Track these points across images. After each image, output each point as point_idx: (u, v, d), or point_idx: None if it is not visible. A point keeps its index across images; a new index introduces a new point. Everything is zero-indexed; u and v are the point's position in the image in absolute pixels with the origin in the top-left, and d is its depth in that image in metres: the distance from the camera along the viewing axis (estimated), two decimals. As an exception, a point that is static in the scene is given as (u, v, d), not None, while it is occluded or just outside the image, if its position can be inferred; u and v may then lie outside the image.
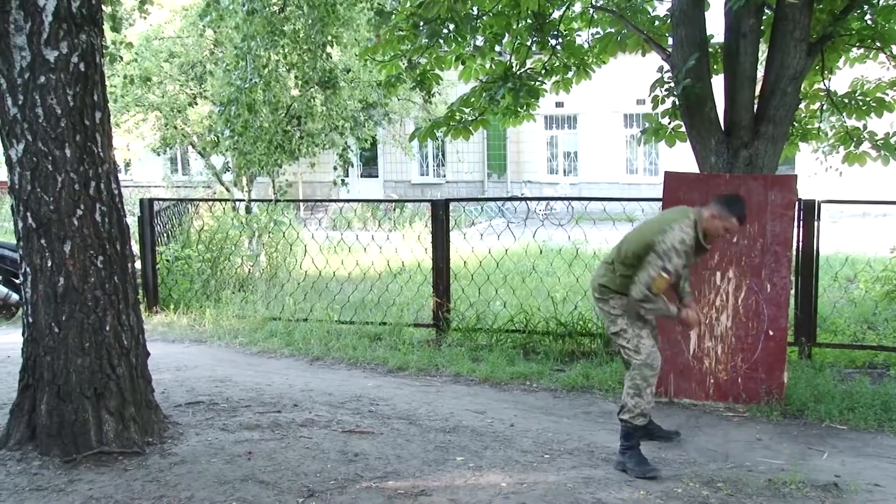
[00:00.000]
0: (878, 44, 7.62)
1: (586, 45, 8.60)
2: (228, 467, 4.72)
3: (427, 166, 29.15)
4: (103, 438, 4.84)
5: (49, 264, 4.77)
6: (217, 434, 5.31)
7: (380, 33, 8.25)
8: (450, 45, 7.98)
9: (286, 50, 11.54)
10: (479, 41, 8.25)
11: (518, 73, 8.12)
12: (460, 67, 8.44)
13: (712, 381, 6.20)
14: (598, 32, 8.50)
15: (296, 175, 21.80)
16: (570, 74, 8.65)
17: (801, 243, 6.98)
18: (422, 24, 7.67)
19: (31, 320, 4.89)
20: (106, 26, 7.10)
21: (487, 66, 8.43)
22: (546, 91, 8.46)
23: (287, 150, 12.75)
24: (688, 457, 5.04)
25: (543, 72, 8.48)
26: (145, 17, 9.93)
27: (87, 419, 4.81)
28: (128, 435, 4.93)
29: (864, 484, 4.59)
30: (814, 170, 9.67)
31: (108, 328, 4.91)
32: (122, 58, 10.34)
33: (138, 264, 9.67)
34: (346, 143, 16.16)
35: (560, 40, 8.41)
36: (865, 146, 8.04)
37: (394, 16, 8.20)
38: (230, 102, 11.10)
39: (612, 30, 8.29)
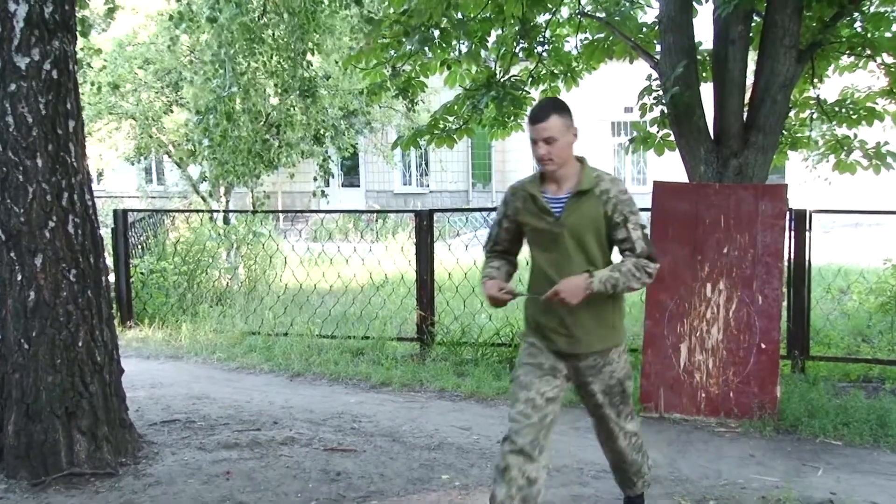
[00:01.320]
0: (869, 52, 7.68)
1: (574, 52, 8.63)
2: (206, 488, 4.68)
3: (410, 176, 29.15)
4: (74, 459, 4.78)
5: (19, 278, 4.72)
6: (194, 453, 5.27)
7: (369, 41, 8.26)
8: (435, 51, 7.99)
9: (265, 57, 11.54)
10: (465, 47, 8.26)
11: (502, 81, 8.13)
12: (445, 73, 8.44)
13: (703, 395, 6.20)
14: (586, 39, 8.54)
15: (275, 185, 21.77)
16: (557, 83, 8.67)
17: (792, 254, 7.01)
18: (410, 31, 7.66)
19: (-1, 336, 4.84)
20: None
21: (473, 70, 8.43)
22: (533, 100, 8.47)
23: (265, 160, 12.74)
24: (679, 474, 5.03)
25: (530, 80, 8.50)
26: (110, 23, 9.87)
27: (57, 439, 4.76)
28: (100, 455, 4.88)
29: (861, 501, 4.59)
30: (804, 179, 9.73)
31: (80, 344, 4.86)
32: (91, 65, 10.28)
33: (112, 278, 9.60)
34: (325, 152, 16.15)
35: (547, 47, 8.43)
36: (856, 155, 8.10)
37: (382, 24, 8.22)
38: (208, 111, 11.07)
39: (600, 36, 8.32)
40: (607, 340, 3.76)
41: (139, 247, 10.89)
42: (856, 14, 7.28)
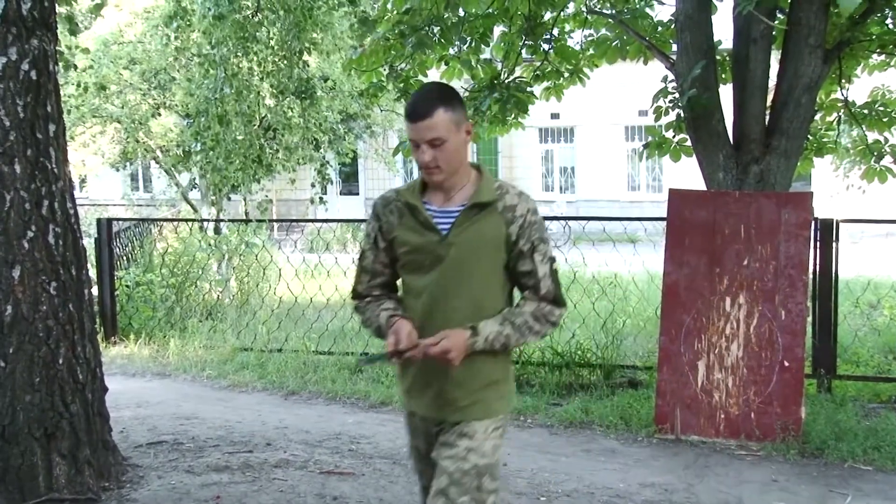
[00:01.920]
0: (901, 50, 7.69)
1: (579, 48, 8.65)
2: (193, 514, 4.68)
3: (412, 183, 29.19)
4: (53, 484, 4.77)
5: (-5, 291, 4.72)
6: (182, 477, 5.26)
7: (364, 43, 8.30)
8: (434, 47, 8.02)
9: (260, 57, 11.57)
10: (466, 44, 8.30)
11: (506, 82, 8.15)
12: (443, 67, 8.47)
13: (723, 416, 6.18)
14: (591, 35, 8.55)
15: (269, 193, 21.83)
16: (562, 80, 8.69)
17: (818, 266, 6.99)
18: (408, 31, 7.70)
19: (-26, 353, 4.83)
20: (61, 29, 7.09)
21: (474, 63, 8.45)
22: (536, 98, 8.48)
23: (264, 165, 12.76)
24: (696, 500, 5.01)
25: (534, 77, 8.51)
26: (95, 19, 9.91)
27: (35, 463, 4.74)
28: (81, 480, 4.87)
29: (891, 529, 4.57)
30: (834, 187, 9.73)
31: (61, 361, 4.85)
32: (76, 66, 10.31)
33: (95, 290, 9.61)
34: (323, 157, 16.18)
35: (552, 44, 8.45)
36: (887, 161, 8.08)
37: (377, 24, 8.24)
38: (199, 114, 11.10)
39: (610, 34, 8.34)
40: (485, 410, 3.08)
41: (124, 258, 10.89)
42: (887, 10, 7.27)
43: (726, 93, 7.07)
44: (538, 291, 3.02)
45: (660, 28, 8.09)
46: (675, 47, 7.39)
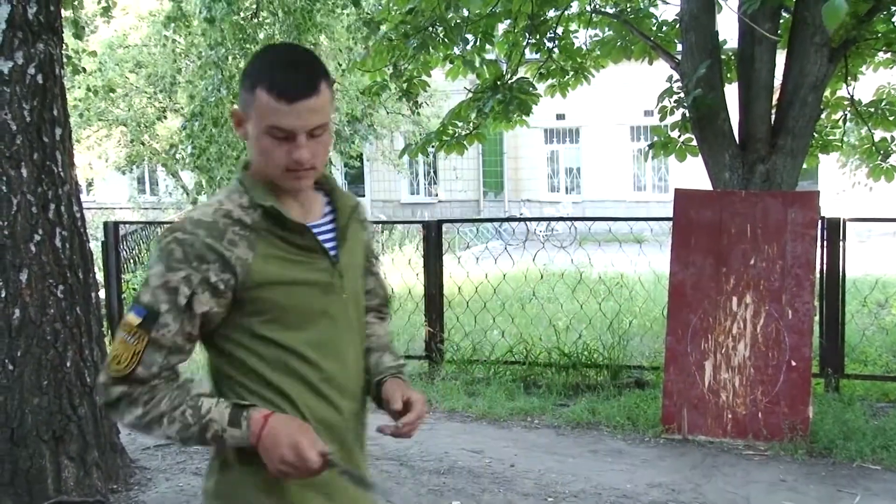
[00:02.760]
0: (906, 48, 7.69)
1: (585, 48, 8.67)
2: (201, 516, 4.68)
3: (418, 184, 29.22)
4: (62, 487, 4.78)
5: (3, 295, 4.73)
6: (189, 479, 5.27)
7: (369, 45, 8.34)
8: (437, 47, 8.04)
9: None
10: (470, 43, 8.33)
11: (509, 83, 8.17)
12: (447, 66, 8.49)
13: (730, 416, 6.18)
14: (596, 35, 8.56)
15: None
16: (567, 78, 8.71)
17: (825, 265, 6.98)
18: (411, 31, 7.73)
19: (-18, 357, 4.85)
20: (68, 33, 7.12)
21: (477, 63, 8.47)
22: (541, 96, 8.49)
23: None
24: (704, 500, 5.01)
25: (538, 75, 8.54)
26: (108, 23, 9.96)
27: (43, 466, 4.76)
28: (90, 482, 4.88)
29: (899, 528, 4.57)
30: (840, 186, 9.72)
31: (68, 364, 4.87)
32: (84, 69, 10.35)
33: (102, 293, 9.63)
34: (329, 159, 16.22)
35: (556, 42, 8.47)
36: (894, 159, 8.08)
37: (382, 26, 8.28)
38: (193, 116, 11.12)
39: (614, 33, 8.36)
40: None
41: (131, 261, 10.93)
42: (893, 8, 7.27)
43: (732, 92, 7.08)
44: (386, 308, 2.47)
45: (664, 28, 8.10)
46: (679, 47, 7.40)
